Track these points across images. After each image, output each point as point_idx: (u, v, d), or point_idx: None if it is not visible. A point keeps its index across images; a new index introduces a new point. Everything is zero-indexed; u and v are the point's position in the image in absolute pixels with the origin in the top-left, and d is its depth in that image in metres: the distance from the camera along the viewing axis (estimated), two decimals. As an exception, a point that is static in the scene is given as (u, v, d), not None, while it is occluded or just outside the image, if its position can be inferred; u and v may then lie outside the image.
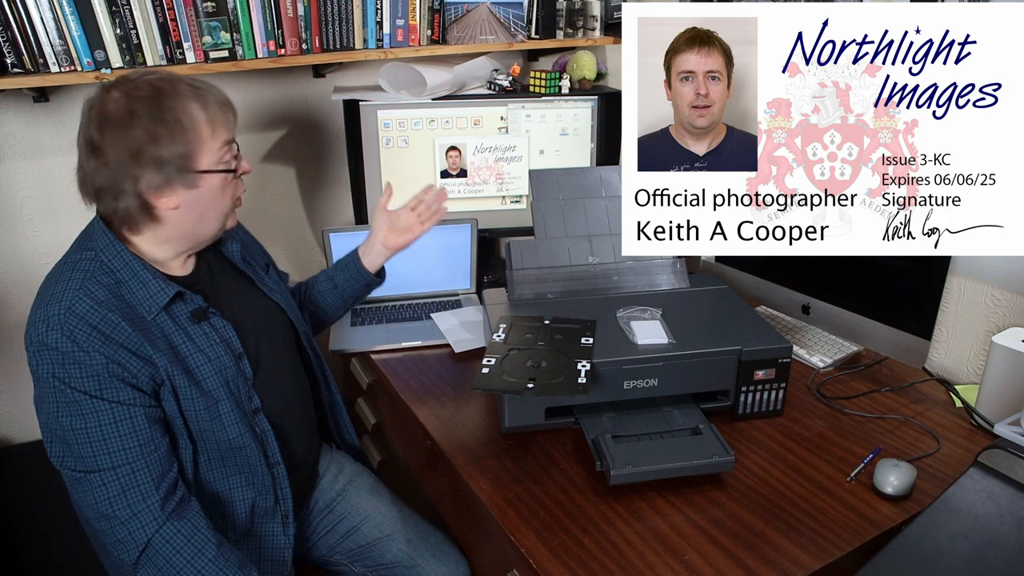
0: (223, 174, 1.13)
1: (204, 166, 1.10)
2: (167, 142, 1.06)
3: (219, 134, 1.12)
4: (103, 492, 1.06)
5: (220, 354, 1.17)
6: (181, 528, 1.09)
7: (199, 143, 1.09)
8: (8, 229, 1.71)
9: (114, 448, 1.06)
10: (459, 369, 1.62)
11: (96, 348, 1.04)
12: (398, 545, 1.37)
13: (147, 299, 1.11)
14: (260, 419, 1.23)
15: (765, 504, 1.19)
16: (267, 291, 1.32)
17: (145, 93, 1.06)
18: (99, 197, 1.10)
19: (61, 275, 1.10)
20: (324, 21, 1.71)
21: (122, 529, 1.07)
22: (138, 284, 1.11)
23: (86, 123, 1.08)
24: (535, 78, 1.97)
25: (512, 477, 1.26)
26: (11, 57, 1.45)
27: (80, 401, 1.05)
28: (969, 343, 1.57)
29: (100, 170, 1.07)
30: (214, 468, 1.19)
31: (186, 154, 1.08)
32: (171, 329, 1.13)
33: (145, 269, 1.12)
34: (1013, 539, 0.96)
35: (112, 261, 1.11)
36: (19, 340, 1.77)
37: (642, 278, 1.59)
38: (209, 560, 1.09)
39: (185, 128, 1.07)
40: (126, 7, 1.49)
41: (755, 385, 1.38)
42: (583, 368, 1.26)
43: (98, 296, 1.07)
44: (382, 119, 1.91)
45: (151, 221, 1.11)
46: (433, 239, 1.88)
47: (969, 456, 1.28)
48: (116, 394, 1.06)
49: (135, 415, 1.07)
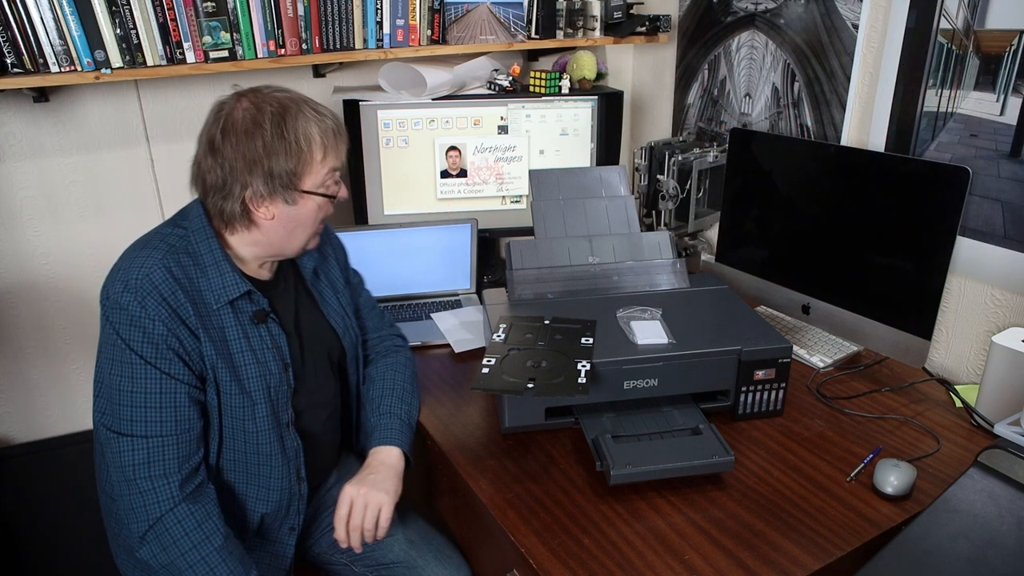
0: (322, 198, 1.18)
1: (307, 187, 1.16)
2: (282, 157, 1.12)
3: (328, 160, 1.17)
4: (130, 457, 1.09)
5: (269, 359, 1.20)
6: (194, 511, 1.11)
7: (309, 164, 1.15)
8: (8, 229, 1.71)
9: (152, 417, 1.10)
10: (459, 369, 1.62)
11: (161, 318, 1.09)
12: (400, 545, 1.37)
13: (220, 288, 1.16)
14: (291, 433, 1.24)
15: (765, 504, 1.19)
16: (327, 312, 1.34)
17: (273, 108, 1.13)
18: (207, 193, 1.16)
19: (149, 242, 1.15)
20: (324, 21, 1.71)
21: (139, 499, 1.09)
22: (216, 272, 1.16)
23: (212, 122, 1.14)
24: (535, 78, 1.97)
25: (512, 477, 1.26)
26: (11, 57, 1.45)
27: (134, 363, 1.09)
28: (969, 343, 1.57)
29: (214, 169, 1.13)
30: (236, 471, 1.20)
31: (295, 172, 1.14)
32: (230, 323, 1.17)
33: (227, 260, 1.17)
34: (1013, 539, 0.96)
35: (199, 245, 1.16)
36: (19, 340, 1.78)
37: (642, 278, 1.59)
38: (215, 549, 1.11)
39: (301, 148, 1.13)
40: (126, 7, 1.49)
41: (755, 385, 1.38)
42: (583, 368, 1.26)
43: (175, 272, 1.12)
44: (382, 119, 1.91)
45: (248, 224, 1.17)
46: (433, 239, 1.88)
47: (969, 456, 1.28)
48: (169, 366, 1.10)
49: (179, 391, 1.11)
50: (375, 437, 1.32)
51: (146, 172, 1.81)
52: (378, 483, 1.24)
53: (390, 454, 1.29)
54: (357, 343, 1.41)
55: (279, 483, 1.23)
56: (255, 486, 1.22)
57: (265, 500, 1.23)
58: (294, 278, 1.32)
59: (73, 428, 1.88)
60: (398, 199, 1.99)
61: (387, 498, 1.23)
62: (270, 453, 1.21)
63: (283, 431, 1.23)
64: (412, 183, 1.98)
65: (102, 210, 1.79)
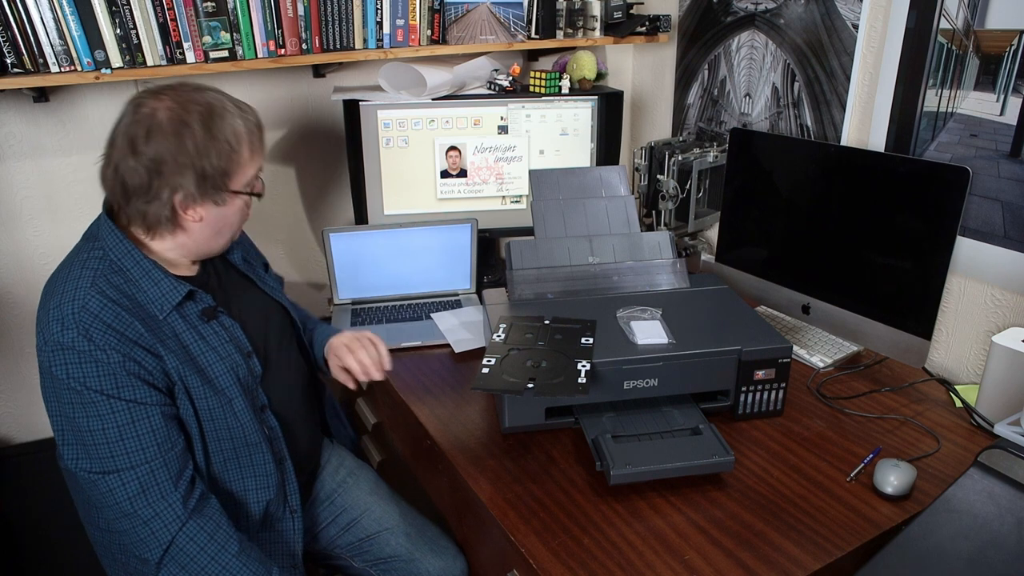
0: (248, 196, 1.19)
1: (237, 186, 1.15)
2: (213, 157, 1.09)
3: (256, 158, 1.17)
4: (123, 492, 1.06)
5: (231, 352, 1.19)
6: (204, 525, 1.10)
7: (239, 164, 1.13)
8: (8, 229, 1.71)
9: (132, 448, 1.06)
10: (459, 369, 1.61)
11: (112, 346, 1.04)
12: (397, 539, 1.38)
13: (159, 298, 1.12)
14: (268, 416, 1.25)
15: (765, 504, 1.19)
16: (268, 291, 1.35)
17: (200, 108, 1.09)
18: (129, 196, 1.10)
19: (70, 274, 1.09)
20: (324, 21, 1.71)
21: (144, 528, 1.07)
22: (150, 283, 1.12)
23: (131, 123, 1.08)
24: (535, 78, 1.97)
25: (512, 477, 1.26)
26: (11, 57, 1.45)
27: (97, 401, 1.04)
28: (969, 343, 1.57)
29: (137, 171, 1.07)
30: (229, 469, 1.20)
31: (226, 172, 1.12)
32: (182, 328, 1.14)
33: (156, 268, 1.14)
34: (1013, 539, 0.96)
35: (122, 260, 1.11)
36: (19, 340, 1.78)
37: (642, 278, 1.59)
38: (233, 556, 1.11)
39: (232, 148, 1.11)
40: (126, 7, 1.49)
41: (755, 385, 1.38)
42: (583, 368, 1.26)
43: (109, 294, 1.07)
44: (382, 119, 1.91)
45: (174, 228, 1.14)
46: (433, 239, 1.88)
47: (969, 456, 1.28)
48: (133, 392, 1.06)
49: (151, 414, 1.08)
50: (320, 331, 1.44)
51: (146, 172, 1.81)
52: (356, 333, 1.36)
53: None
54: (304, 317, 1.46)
55: (265, 468, 1.22)
56: (252, 477, 1.21)
57: (265, 487, 1.22)
58: (227, 268, 1.31)
59: (73, 428, 1.88)
60: (398, 199, 1.99)
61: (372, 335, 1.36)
62: (257, 442, 1.20)
63: (260, 416, 1.23)
64: (412, 183, 1.98)
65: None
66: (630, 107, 2.37)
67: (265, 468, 1.22)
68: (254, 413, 1.21)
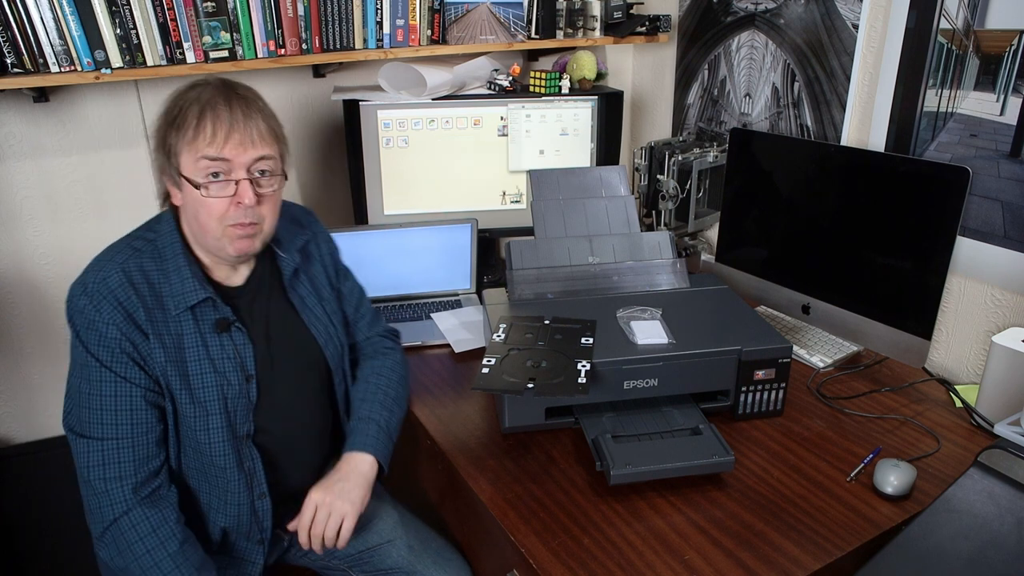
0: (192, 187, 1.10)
1: (184, 170, 1.11)
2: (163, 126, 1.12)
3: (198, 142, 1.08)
4: (87, 459, 1.10)
5: (228, 370, 1.17)
6: (150, 516, 1.09)
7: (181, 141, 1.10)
8: (8, 229, 1.71)
9: (107, 420, 1.09)
10: (459, 369, 1.61)
11: (114, 322, 1.09)
12: (398, 551, 1.34)
13: (179, 294, 1.14)
14: (249, 446, 1.20)
15: (765, 504, 1.19)
16: (307, 320, 1.28)
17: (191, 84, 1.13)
18: None
19: (114, 247, 1.16)
20: (324, 21, 1.71)
21: (94, 500, 1.10)
22: (177, 278, 1.14)
23: None
24: (535, 78, 1.97)
25: (512, 477, 1.26)
26: (11, 57, 1.45)
27: (91, 365, 1.09)
28: (969, 343, 1.57)
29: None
30: (198, 479, 1.18)
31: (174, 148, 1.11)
32: (189, 331, 1.14)
33: (190, 266, 1.15)
34: (1013, 539, 0.96)
35: (166, 249, 1.16)
36: (19, 340, 1.78)
37: (642, 278, 1.59)
38: (168, 555, 1.09)
39: (177, 119, 1.10)
40: (126, 7, 1.49)
41: (755, 385, 1.38)
42: (583, 368, 1.26)
43: (133, 277, 1.12)
44: (382, 119, 1.91)
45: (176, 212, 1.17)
46: (433, 239, 1.88)
47: (969, 456, 1.28)
48: (124, 369, 1.10)
49: (134, 394, 1.11)
50: (350, 441, 1.27)
51: (146, 172, 1.81)
52: (345, 492, 1.20)
53: (362, 461, 1.24)
54: (343, 354, 1.34)
55: (236, 497, 1.19)
56: (215, 497, 1.19)
57: (223, 513, 1.20)
58: (272, 282, 1.26)
59: (73, 428, 1.87)
60: (398, 199, 1.99)
61: (351, 509, 1.20)
62: (225, 466, 1.17)
63: (240, 444, 1.18)
64: (412, 183, 1.98)
65: (102, 210, 1.79)
66: (630, 107, 2.37)
67: (237, 497, 1.19)
68: (232, 438, 1.17)
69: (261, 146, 1.12)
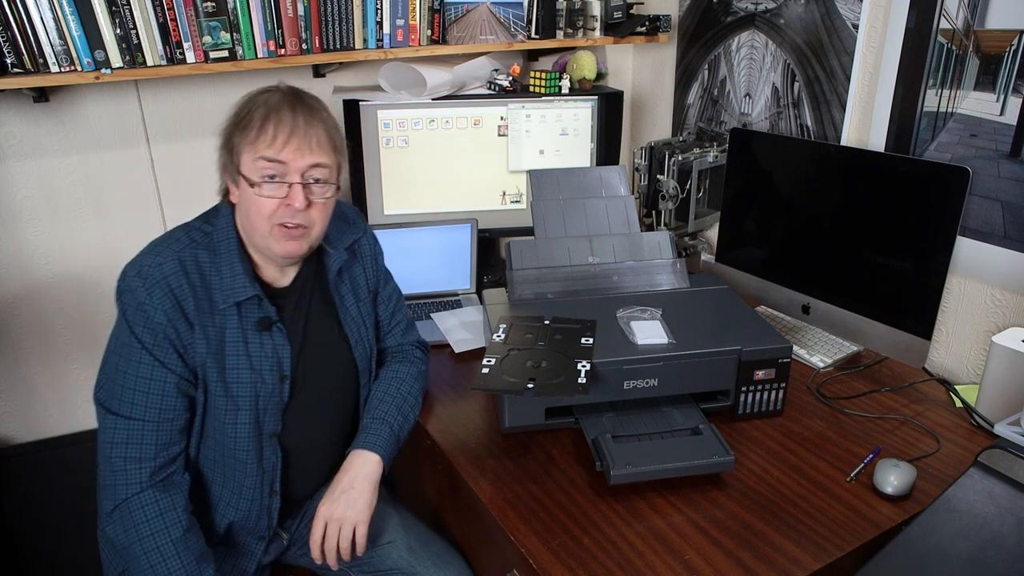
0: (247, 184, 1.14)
1: (243, 169, 1.14)
2: (231, 126, 1.15)
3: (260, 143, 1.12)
4: (111, 435, 1.11)
5: (264, 369, 1.19)
6: (159, 499, 1.11)
7: (243, 141, 1.13)
8: (8, 229, 1.71)
9: (138, 401, 1.12)
10: (459, 369, 1.61)
11: (163, 308, 1.11)
12: (398, 552, 1.34)
13: (228, 289, 1.16)
14: (273, 444, 1.22)
15: (765, 504, 1.19)
16: (344, 319, 1.31)
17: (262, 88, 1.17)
18: None
19: (173, 234, 1.18)
20: (324, 21, 1.71)
21: (111, 477, 1.11)
22: (229, 272, 1.17)
23: None
24: (535, 78, 1.97)
25: (512, 477, 1.26)
26: (11, 57, 1.45)
27: (132, 345, 1.12)
28: (969, 343, 1.57)
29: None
30: (214, 470, 1.20)
31: (238, 147, 1.14)
32: (233, 326, 1.17)
33: (242, 262, 1.17)
34: (1013, 539, 0.96)
35: (221, 243, 1.18)
36: (19, 340, 1.78)
37: (642, 278, 1.59)
38: (171, 541, 1.11)
39: (243, 120, 1.14)
40: (126, 7, 1.49)
41: (755, 385, 1.38)
42: (583, 368, 1.26)
43: (187, 266, 1.15)
44: (382, 119, 1.91)
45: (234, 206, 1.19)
46: (433, 239, 1.88)
47: (969, 456, 1.28)
48: (164, 355, 1.12)
49: (168, 379, 1.13)
50: (361, 439, 1.28)
51: (146, 172, 1.81)
52: (352, 502, 1.21)
53: (369, 460, 1.25)
54: (371, 356, 1.36)
55: (251, 492, 1.22)
56: (228, 490, 1.21)
57: (235, 507, 1.22)
58: (316, 283, 1.29)
59: (73, 428, 1.87)
60: (398, 199, 1.99)
61: (362, 517, 1.21)
62: (246, 461, 1.20)
63: (264, 441, 1.21)
64: (412, 183, 1.98)
65: (102, 210, 1.79)
66: (630, 107, 2.37)
67: (251, 492, 1.21)
68: (258, 435, 1.20)
69: (318, 154, 1.15)
